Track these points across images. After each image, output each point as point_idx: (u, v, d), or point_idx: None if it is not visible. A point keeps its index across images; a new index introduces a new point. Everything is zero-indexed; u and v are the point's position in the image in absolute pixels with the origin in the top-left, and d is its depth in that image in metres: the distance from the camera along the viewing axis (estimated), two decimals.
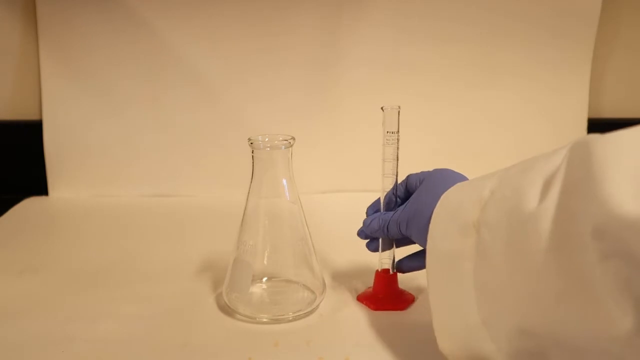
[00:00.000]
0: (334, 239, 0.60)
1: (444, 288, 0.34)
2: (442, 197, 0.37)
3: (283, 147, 0.44)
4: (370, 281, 0.49)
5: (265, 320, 0.44)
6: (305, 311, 0.45)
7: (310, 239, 0.47)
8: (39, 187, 0.76)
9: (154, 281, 0.51)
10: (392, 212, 0.44)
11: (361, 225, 0.46)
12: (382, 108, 0.44)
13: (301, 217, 0.46)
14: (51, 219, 0.71)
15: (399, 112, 0.44)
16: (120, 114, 0.75)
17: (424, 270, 0.37)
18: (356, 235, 0.47)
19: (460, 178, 0.40)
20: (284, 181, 0.45)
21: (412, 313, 0.46)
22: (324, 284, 0.47)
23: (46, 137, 0.75)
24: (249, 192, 0.46)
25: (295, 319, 0.45)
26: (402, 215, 0.42)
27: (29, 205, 0.74)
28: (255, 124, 0.75)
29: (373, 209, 0.47)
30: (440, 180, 0.40)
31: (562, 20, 0.74)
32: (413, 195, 0.42)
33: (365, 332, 0.43)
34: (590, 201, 0.24)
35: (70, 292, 0.50)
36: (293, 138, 0.44)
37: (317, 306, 0.46)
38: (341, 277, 0.52)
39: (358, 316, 0.45)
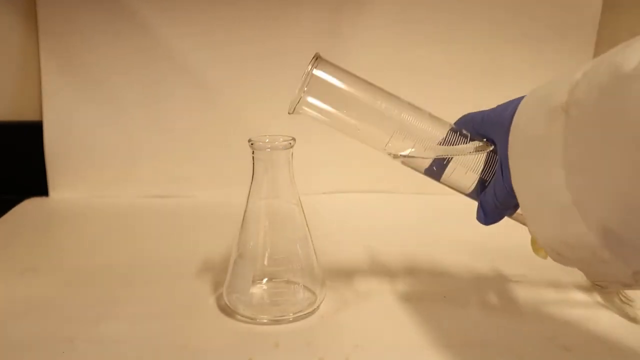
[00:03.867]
0: (334, 240, 0.60)
1: (529, 175, 0.33)
2: (531, 91, 0.35)
3: (284, 148, 0.44)
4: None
5: (265, 321, 0.44)
6: (305, 312, 0.45)
7: (311, 239, 0.47)
8: (40, 187, 0.76)
9: (154, 282, 0.51)
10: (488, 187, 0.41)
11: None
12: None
13: (302, 217, 0.46)
14: (51, 219, 0.70)
15: None
16: (121, 115, 0.75)
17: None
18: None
19: None
20: (285, 182, 0.45)
21: (412, 314, 0.46)
22: (325, 285, 0.47)
23: (46, 138, 0.75)
24: (249, 193, 0.46)
25: (295, 319, 0.45)
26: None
27: (30, 206, 0.74)
28: (256, 125, 0.75)
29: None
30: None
31: (563, 20, 0.74)
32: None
33: (366, 333, 0.43)
34: None
35: (70, 292, 0.50)
36: (294, 139, 0.44)
37: (318, 307, 0.46)
38: (342, 278, 0.52)
39: (358, 317, 0.45)
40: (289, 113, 0.42)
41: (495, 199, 0.39)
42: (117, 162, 0.76)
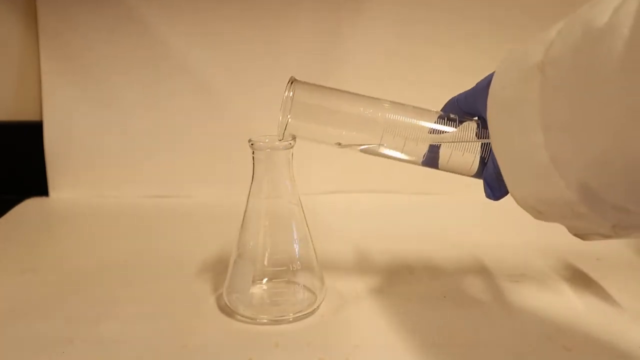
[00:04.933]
0: (334, 240, 0.60)
1: (508, 135, 0.34)
2: (506, 53, 0.35)
3: (284, 148, 0.44)
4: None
5: (265, 321, 0.44)
6: (305, 312, 0.45)
7: (311, 239, 0.47)
8: (40, 187, 0.76)
9: (154, 282, 0.51)
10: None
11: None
12: None
13: (302, 217, 0.46)
14: (52, 219, 0.71)
15: None
16: (121, 115, 0.75)
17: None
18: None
19: None
20: (285, 182, 0.45)
21: (412, 314, 0.46)
22: (325, 285, 0.47)
23: (47, 138, 0.75)
24: (249, 193, 0.46)
25: (295, 320, 0.45)
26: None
27: (30, 206, 0.74)
28: (256, 125, 0.75)
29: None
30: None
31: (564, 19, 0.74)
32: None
33: (366, 333, 0.43)
34: None
35: (70, 292, 0.50)
36: (294, 139, 0.44)
37: (318, 307, 0.46)
38: (342, 278, 0.52)
39: (358, 317, 0.45)
40: (279, 140, 0.43)
41: (495, 171, 0.39)
42: (117, 161, 0.76)
